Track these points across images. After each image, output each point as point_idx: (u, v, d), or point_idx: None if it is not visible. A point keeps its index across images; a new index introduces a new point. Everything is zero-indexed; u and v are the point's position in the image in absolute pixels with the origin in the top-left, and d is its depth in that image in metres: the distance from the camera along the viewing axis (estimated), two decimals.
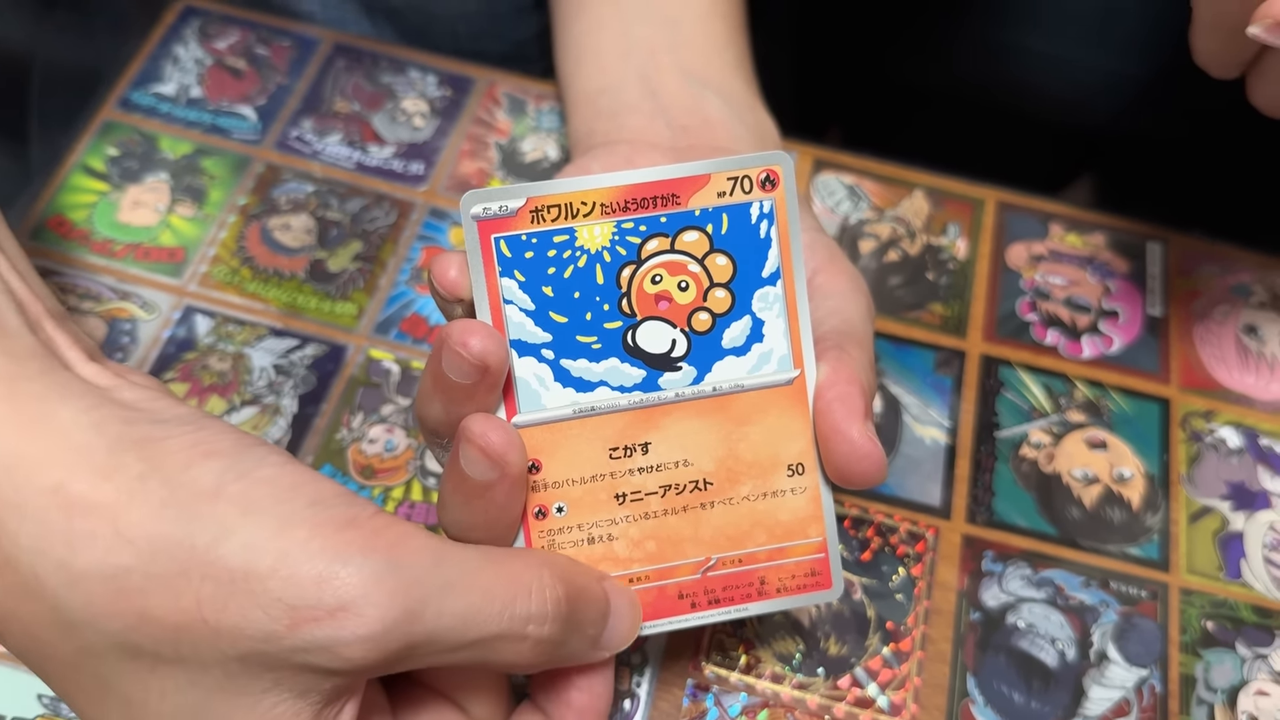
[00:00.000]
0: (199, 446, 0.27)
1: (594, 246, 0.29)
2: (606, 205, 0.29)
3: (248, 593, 0.25)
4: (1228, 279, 0.46)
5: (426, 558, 0.27)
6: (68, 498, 0.26)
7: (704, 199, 0.30)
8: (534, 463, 0.30)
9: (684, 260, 0.30)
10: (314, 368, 0.42)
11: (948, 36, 0.61)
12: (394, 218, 0.45)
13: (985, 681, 0.37)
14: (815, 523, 0.31)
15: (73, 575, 0.26)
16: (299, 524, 0.26)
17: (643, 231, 0.30)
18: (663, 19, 0.40)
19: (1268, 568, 0.40)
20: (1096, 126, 0.61)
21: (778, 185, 0.30)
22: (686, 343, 0.30)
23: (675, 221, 0.30)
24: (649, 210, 0.30)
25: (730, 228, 0.30)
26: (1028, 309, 0.45)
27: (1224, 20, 0.34)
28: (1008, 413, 0.42)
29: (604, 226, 0.29)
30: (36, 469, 0.26)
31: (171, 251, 0.44)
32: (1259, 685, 0.38)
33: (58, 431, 0.27)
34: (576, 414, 0.30)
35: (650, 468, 0.31)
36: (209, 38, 0.49)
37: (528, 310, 0.29)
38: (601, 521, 0.30)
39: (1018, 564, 0.39)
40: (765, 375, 0.31)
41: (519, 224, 0.29)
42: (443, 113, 0.48)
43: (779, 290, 0.31)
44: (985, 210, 0.47)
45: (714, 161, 0.30)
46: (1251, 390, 0.43)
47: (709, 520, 0.31)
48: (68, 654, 0.27)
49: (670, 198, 0.30)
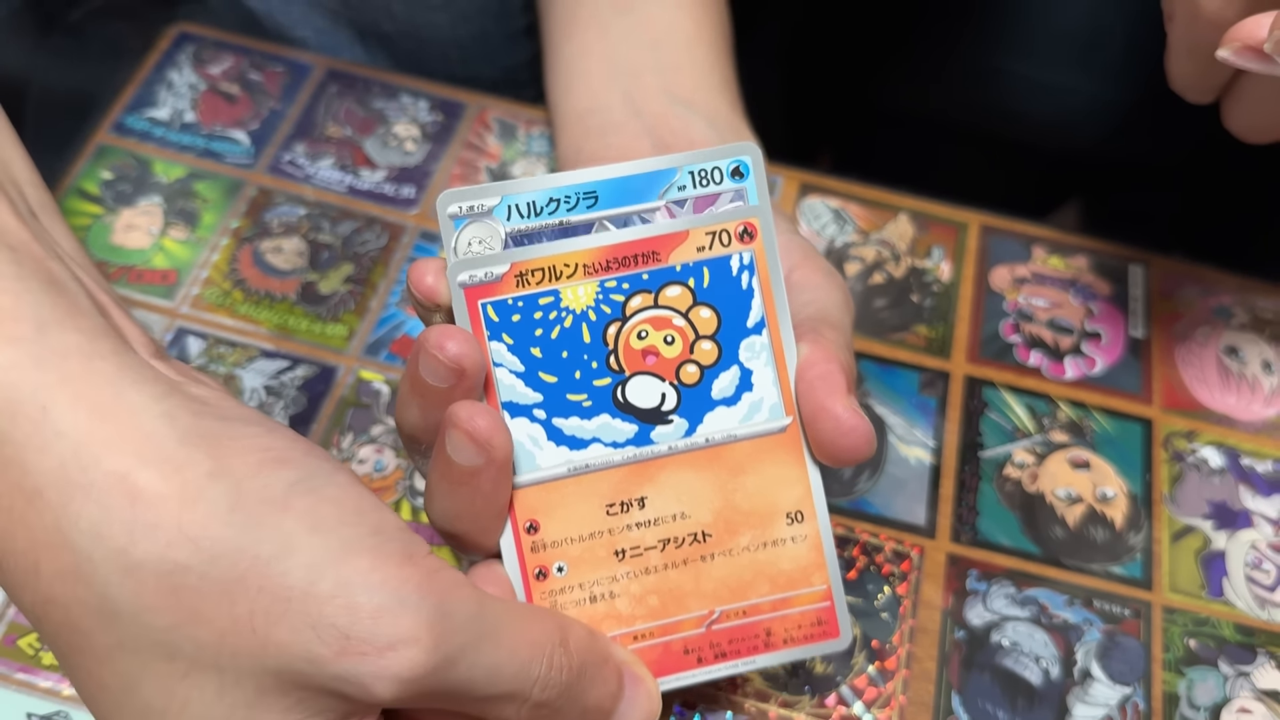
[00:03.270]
0: (270, 451, 0.27)
1: (579, 306, 0.30)
2: (589, 266, 0.30)
3: (303, 612, 0.25)
4: (1209, 301, 0.46)
5: (472, 607, 0.27)
6: (134, 485, 0.25)
7: (684, 254, 0.30)
8: (532, 523, 0.30)
9: (668, 315, 0.30)
10: (304, 389, 0.42)
11: (935, 63, 0.62)
12: (385, 241, 0.46)
13: (970, 700, 0.37)
14: (819, 570, 0.31)
15: (128, 564, 0.25)
16: (362, 552, 0.26)
17: (626, 289, 0.30)
18: (648, 43, 0.41)
19: (1250, 586, 0.40)
20: (1082, 151, 0.62)
21: (755, 237, 0.31)
22: (676, 396, 0.31)
23: (657, 278, 0.30)
24: (631, 268, 0.30)
25: (712, 281, 0.30)
26: (1011, 331, 0.45)
27: (1198, 45, 0.35)
28: (991, 433, 0.43)
29: (588, 286, 0.30)
30: (105, 451, 0.26)
31: (164, 274, 0.44)
32: (1241, 703, 0.38)
33: (129, 415, 0.26)
34: (571, 472, 0.30)
35: (648, 522, 0.31)
36: (203, 63, 0.50)
37: (517, 372, 0.30)
38: (602, 579, 0.30)
39: (1002, 583, 0.40)
40: (757, 424, 0.31)
41: (504, 289, 0.30)
42: (434, 137, 0.49)
43: (765, 339, 0.31)
44: (969, 234, 0.48)
45: (692, 218, 0.30)
46: (1233, 410, 0.44)
47: (710, 573, 0.31)
48: (103, 647, 0.26)
49: (651, 255, 0.30)
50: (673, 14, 0.42)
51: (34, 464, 0.26)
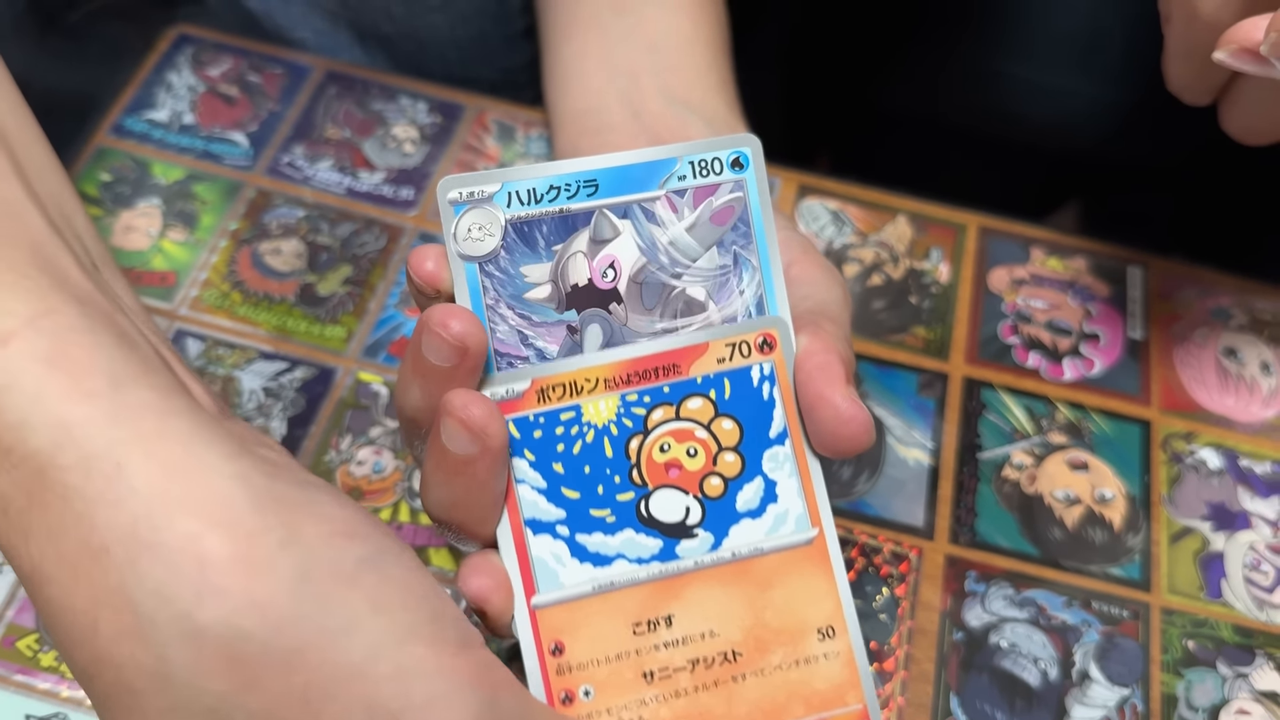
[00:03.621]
0: (340, 523, 0.27)
1: (600, 420, 0.30)
2: (610, 380, 0.30)
3: (359, 692, 0.25)
4: (1207, 302, 0.46)
5: (517, 705, 0.27)
6: (204, 549, 0.25)
7: (704, 366, 0.30)
8: (557, 645, 0.29)
9: (690, 427, 0.30)
10: (303, 390, 0.42)
11: (934, 65, 0.62)
12: (384, 242, 0.46)
13: (968, 701, 0.37)
14: (853, 689, 0.30)
15: (192, 628, 0.25)
16: (421, 638, 0.26)
17: (647, 402, 0.30)
18: (646, 44, 0.41)
19: (1248, 587, 0.40)
20: (1081, 153, 0.62)
21: (775, 348, 0.30)
22: (701, 509, 0.30)
23: (678, 390, 0.30)
24: (651, 381, 0.30)
25: (733, 392, 0.30)
26: (1009, 332, 0.45)
27: (1195, 48, 0.35)
28: (990, 434, 0.43)
29: (609, 400, 0.30)
30: (177, 512, 0.25)
31: (163, 276, 0.44)
32: (1240, 704, 0.38)
33: (202, 475, 0.26)
34: (596, 590, 0.30)
35: (676, 641, 0.30)
36: (202, 65, 0.50)
37: (540, 488, 0.30)
38: (631, 704, 0.29)
39: (1000, 584, 0.40)
40: (783, 536, 0.30)
41: (526, 405, 0.29)
42: (433, 139, 0.49)
43: (788, 449, 0.30)
44: (967, 235, 0.48)
45: (711, 329, 0.30)
46: (1231, 412, 0.44)
47: (742, 694, 0.30)
48: (153, 710, 0.26)
49: (671, 367, 0.30)
50: (671, 15, 0.42)
51: (104, 520, 0.25)
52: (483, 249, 0.30)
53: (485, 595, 0.29)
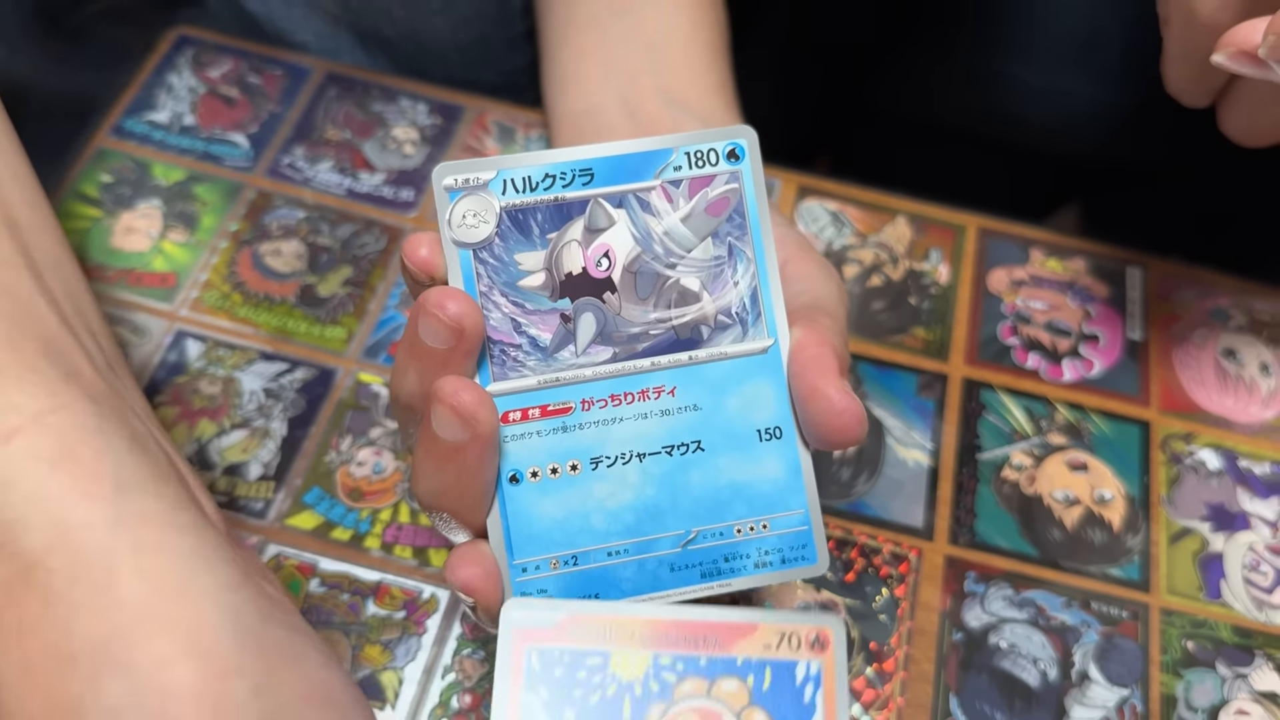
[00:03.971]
0: (320, 687, 0.26)
1: (627, 676, 0.28)
2: (646, 635, 0.29)
3: None
4: (1206, 303, 0.47)
5: None
6: (171, 677, 0.24)
7: (749, 648, 0.29)
8: None
9: (719, 710, 0.28)
10: (303, 391, 0.42)
11: (933, 66, 0.62)
12: (384, 243, 0.46)
13: (968, 701, 0.37)
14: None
15: None
16: None
17: (680, 670, 0.28)
18: (644, 44, 0.41)
19: (1247, 588, 0.40)
20: (1080, 154, 0.62)
21: (828, 649, 0.29)
22: None
23: (715, 667, 0.29)
24: (690, 649, 0.29)
25: (773, 684, 0.29)
26: (1009, 333, 0.45)
27: (1193, 50, 0.35)
28: (989, 435, 0.43)
29: (641, 656, 0.28)
30: (156, 633, 0.25)
31: (163, 277, 0.45)
32: (1239, 705, 0.38)
33: (192, 600, 0.25)
34: None
35: None
36: (202, 66, 0.50)
37: None
38: None
39: (999, 585, 0.40)
40: None
41: (555, 637, 0.28)
42: (433, 140, 0.49)
43: None
44: (967, 236, 0.48)
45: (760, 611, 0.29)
46: (1230, 413, 0.44)
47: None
48: None
49: (714, 640, 0.29)
50: (669, 15, 0.42)
51: (81, 629, 0.25)
52: (477, 236, 0.29)
53: (474, 585, 0.29)
